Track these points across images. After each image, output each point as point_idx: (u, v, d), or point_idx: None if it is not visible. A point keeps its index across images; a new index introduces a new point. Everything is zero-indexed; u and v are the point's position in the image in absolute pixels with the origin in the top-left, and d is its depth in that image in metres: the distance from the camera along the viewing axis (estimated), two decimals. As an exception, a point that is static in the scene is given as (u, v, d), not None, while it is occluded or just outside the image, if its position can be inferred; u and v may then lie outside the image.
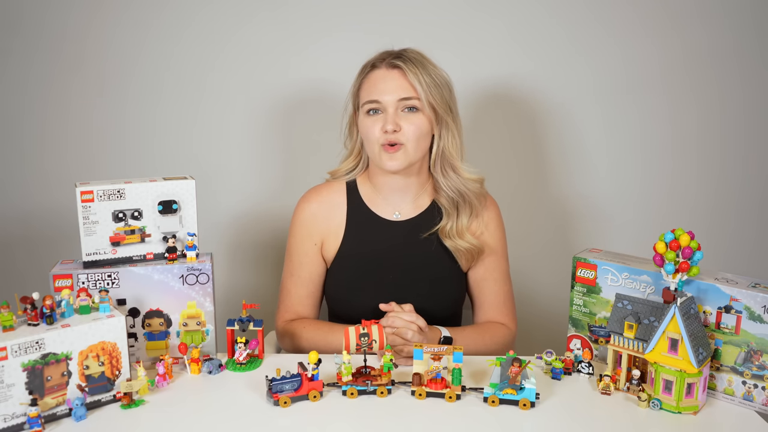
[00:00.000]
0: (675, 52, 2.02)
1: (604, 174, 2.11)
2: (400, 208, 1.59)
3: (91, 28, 1.98)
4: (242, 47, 2.01)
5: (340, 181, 1.63)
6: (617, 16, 2.01)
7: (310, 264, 1.59)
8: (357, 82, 1.54)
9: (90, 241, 1.34)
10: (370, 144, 1.50)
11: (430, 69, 1.49)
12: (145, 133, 2.06)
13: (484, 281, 1.61)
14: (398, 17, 1.99)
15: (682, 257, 1.21)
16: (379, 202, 1.60)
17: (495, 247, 1.61)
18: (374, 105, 1.48)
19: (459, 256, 1.57)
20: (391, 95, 1.47)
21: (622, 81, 2.04)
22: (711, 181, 2.11)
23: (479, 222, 1.59)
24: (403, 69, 1.47)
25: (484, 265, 1.61)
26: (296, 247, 1.60)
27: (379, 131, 1.47)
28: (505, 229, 1.65)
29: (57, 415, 1.16)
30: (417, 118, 1.48)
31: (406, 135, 1.47)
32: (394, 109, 1.47)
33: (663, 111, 2.07)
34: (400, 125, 1.46)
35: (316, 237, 1.59)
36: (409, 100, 1.47)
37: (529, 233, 2.13)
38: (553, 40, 2.02)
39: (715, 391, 1.26)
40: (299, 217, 1.61)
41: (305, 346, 1.51)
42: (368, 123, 1.49)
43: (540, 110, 2.07)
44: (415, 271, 1.56)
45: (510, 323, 1.62)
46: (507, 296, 1.63)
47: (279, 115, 2.06)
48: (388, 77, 1.48)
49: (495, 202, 1.64)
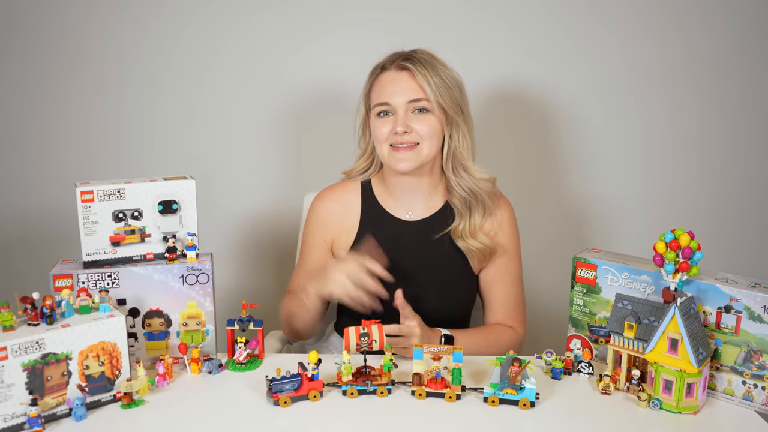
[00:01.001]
0: (676, 53, 2.02)
1: (605, 174, 2.11)
2: (412, 208, 1.59)
3: (90, 27, 1.99)
4: (241, 46, 2.01)
5: (355, 181, 1.64)
6: (618, 17, 2.01)
7: (317, 259, 1.61)
8: (367, 85, 1.55)
9: (90, 241, 1.34)
10: (381, 145, 1.51)
11: (440, 70, 1.49)
12: (145, 133, 2.06)
13: (495, 283, 1.60)
14: (399, 15, 1.99)
15: (682, 257, 1.21)
16: (393, 202, 1.60)
17: (507, 248, 1.59)
18: (384, 107, 1.49)
19: (471, 257, 1.56)
20: (401, 97, 1.47)
21: (624, 81, 2.04)
22: (711, 181, 2.11)
23: (492, 221, 1.58)
24: (412, 71, 1.47)
25: (496, 266, 1.59)
26: (307, 243, 1.64)
27: (389, 133, 1.48)
28: (518, 231, 1.63)
29: (57, 415, 1.16)
30: (427, 119, 1.48)
31: (420, 134, 1.48)
32: (404, 110, 1.47)
33: (664, 111, 2.07)
34: (411, 126, 1.47)
35: (327, 235, 1.61)
36: (419, 101, 1.47)
37: (529, 233, 2.11)
38: (555, 39, 2.02)
39: (715, 391, 1.26)
40: (313, 214, 1.63)
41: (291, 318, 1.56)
42: (378, 125, 1.50)
43: (541, 110, 2.07)
44: (426, 270, 1.56)
45: (518, 327, 1.60)
46: (517, 300, 1.61)
47: (279, 114, 2.06)
48: (397, 79, 1.48)
49: (509, 203, 1.63)
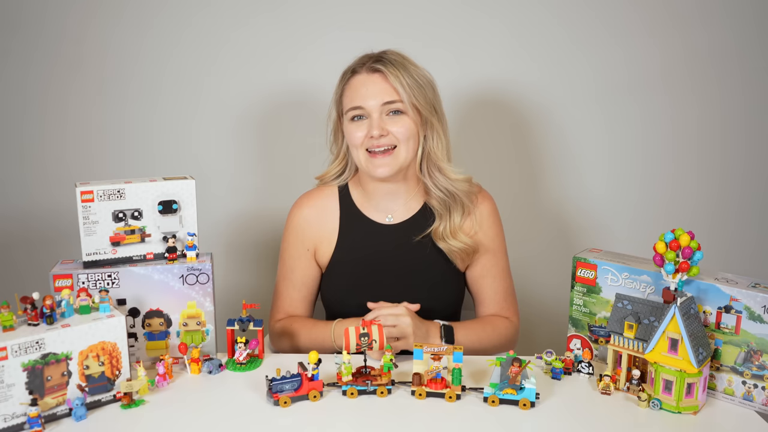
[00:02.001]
0: (676, 53, 2.02)
1: (605, 174, 2.11)
2: (392, 212, 1.58)
3: (90, 27, 1.98)
4: (242, 47, 2.01)
5: (332, 186, 1.62)
6: (617, 17, 2.00)
7: (302, 268, 1.59)
8: (339, 89, 1.52)
9: (90, 241, 1.34)
10: (357, 151, 1.49)
11: (412, 70, 1.47)
12: (145, 133, 2.06)
13: (483, 279, 1.60)
14: (396, 17, 1.99)
15: (682, 257, 1.21)
16: (371, 206, 1.59)
17: (490, 244, 1.59)
18: (358, 111, 1.47)
19: (454, 258, 1.55)
20: (374, 100, 1.45)
21: (624, 81, 2.04)
22: (711, 181, 2.11)
23: (472, 220, 1.57)
24: (384, 72, 1.45)
25: (481, 263, 1.59)
26: (289, 252, 1.60)
27: (365, 137, 1.46)
28: (501, 223, 1.62)
29: (57, 415, 1.16)
30: (402, 121, 1.46)
31: (396, 136, 1.46)
32: (378, 113, 1.45)
33: (663, 111, 2.07)
34: (387, 129, 1.45)
35: (308, 242, 1.59)
36: (393, 103, 1.45)
37: (529, 233, 2.13)
38: (554, 40, 2.02)
39: (715, 391, 1.26)
40: (292, 222, 1.60)
41: (293, 344, 1.52)
42: (352, 129, 1.48)
43: (541, 110, 2.07)
44: (410, 273, 1.56)
45: (512, 316, 1.61)
46: (507, 291, 1.62)
47: (279, 114, 2.06)
48: (369, 82, 1.46)
49: (489, 197, 1.62)
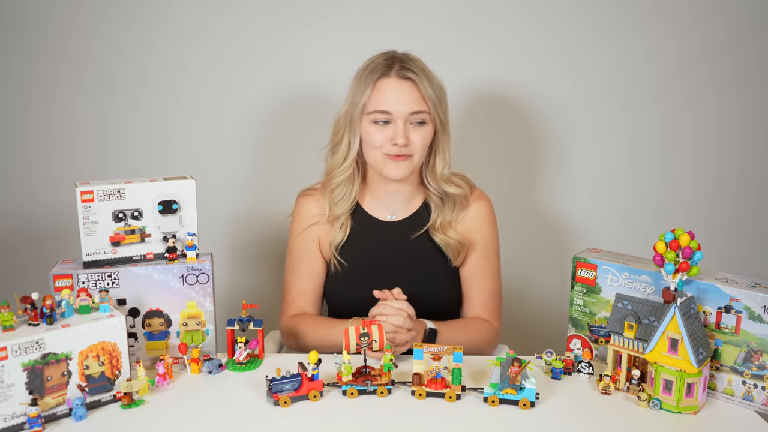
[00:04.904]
0: (670, 54, 2.02)
1: (605, 174, 2.11)
2: (394, 210, 1.60)
3: (91, 27, 1.98)
4: (242, 46, 2.01)
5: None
6: (616, 17, 2.00)
7: (310, 260, 1.60)
8: (364, 88, 1.48)
9: (90, 241, 1.34)
10: (374, 151, 1.50)
11: (434, 80, 1.49)
12: (145, 133, 2.06)
13: (472, 278, 1.61)
14: (396, 16, 1.99)
15: (682, 257, 1.21)
16: (375, 204, 1.61)
17: (483, 244, 1.60)
18: (384, 116, 1.47)
19: (448, 252, 1.57)
20: (404, 107, 1.45)
21: (624, 81, 2.04)
22: (711, 181, 2.11)
23: (465, 215, 1.59)
24: (416, 82, 1.46)
25: (472, 262, 1.61)
26: (296, 244, 1.62)
27: (386, 141, 1.47)
28: (496, 226, 1.64)
29: (57, 415, 1.16)
30: (424, 131, 1.49)
31: (414, 147, 1.48)
32: (403, 121, 1.46)
33: (662, 112, 2.06)
34: (410, 139, 1.47)
35: (314, 234, 1.60)
36: (420, 113, 1.47)
37: (529, 233, 2.13)
38: (553, 40, 2.02)
39: (715, 391, 1.26)
40: (298, 214, 1.62)
41: (307, 343, 1.52)
42: (374, 131, 1.48)
43: (540, 110, 2.07)
44: (410, 270, 1.57)
45: (494, 320, 1.62)
46: (493, 294, 1.63)
47: (279, 114, 2.06)
48: (399, 88, 1.46)
49: (486, 198, 1.63)
